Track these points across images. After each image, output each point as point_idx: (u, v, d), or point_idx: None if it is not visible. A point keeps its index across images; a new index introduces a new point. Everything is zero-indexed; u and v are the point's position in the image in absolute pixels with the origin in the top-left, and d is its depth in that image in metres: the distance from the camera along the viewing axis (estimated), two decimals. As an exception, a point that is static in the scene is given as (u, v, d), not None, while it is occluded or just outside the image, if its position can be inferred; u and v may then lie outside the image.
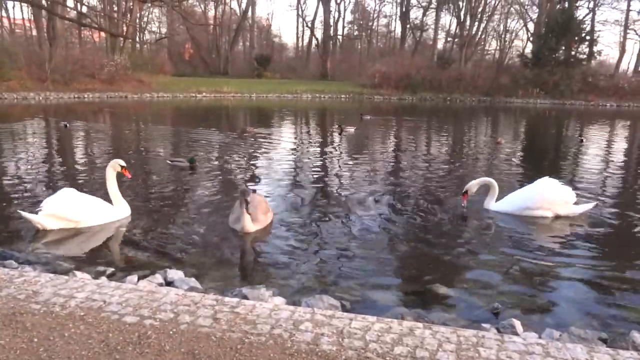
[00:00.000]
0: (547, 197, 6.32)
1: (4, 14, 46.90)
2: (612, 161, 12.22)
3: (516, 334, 3.21)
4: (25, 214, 5.35)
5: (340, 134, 15.94)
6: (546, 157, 13.24)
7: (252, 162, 10.47)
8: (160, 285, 3.88)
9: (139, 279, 3.96)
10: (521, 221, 6.24)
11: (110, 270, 4.26)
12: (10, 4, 45.81)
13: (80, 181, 8.13)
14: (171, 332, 2.86)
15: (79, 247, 5.01)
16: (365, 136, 16.15)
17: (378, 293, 4.04)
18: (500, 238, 5.64)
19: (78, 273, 3.96)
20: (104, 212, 5.68)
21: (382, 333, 2.90)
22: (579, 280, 4.44)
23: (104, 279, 3.94)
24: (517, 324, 3.34)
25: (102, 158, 10.72)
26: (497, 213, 6.46)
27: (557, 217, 6.32)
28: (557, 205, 6.34)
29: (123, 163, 5.75)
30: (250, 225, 5.42)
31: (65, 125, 16.07)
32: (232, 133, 15.60)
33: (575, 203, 6.41)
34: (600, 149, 14.36)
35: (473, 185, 6.58)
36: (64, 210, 5.41)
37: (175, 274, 4.11)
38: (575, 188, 7.20)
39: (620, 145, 16.04)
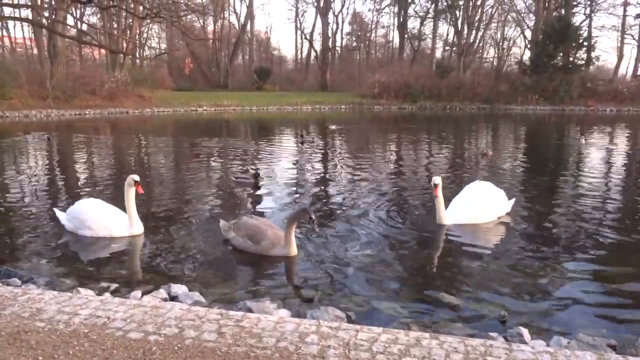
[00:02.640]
0: (496, 201, 6.51)
1: (5, 33, 47.40)
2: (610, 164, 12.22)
3: (524, 342, 3.18)
4: (57, 211, 6.01)
5: (302, 144, 16.03)
6: (537, 170, 11.96)
7: (249, 174, 10.48)
8: (164, 300, 3.86)
9: (142, 294, 3.94)
10: (489, 228, 6.27)
11: (114, 286, 4.24)
12: (11, 24, 46.26)
13: (75, 195, 8.14)
14: (176, 348, 2.84)
15: (82, 264, 5.00)
16: (332, 146, 16.21)
17: (383, 303, 4.02)
18: (494, 246, 5.59)
19: (82, 290, 3.94)
20: (118, 226, 5.73)
21: (389, 344, 2.88)
22: (584, 285, 4.41)
23: (107, 295, 3.92)
24: (525, 332, 3.31)
25: (93, 170, 10.75)
26: (455, 226, 6.18)
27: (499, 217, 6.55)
28: (499, 206, 6.56)
29: (137, 178, 5.68)
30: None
31: (48, 138, 16.64)
32: (234, 144, 15.66)
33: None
34: (601, 153, 14.35)
35: (439, 179, 6.15)
36: (81, 218, 5.74)
37: (179, 288, 4.09)
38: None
39: (621, 148, 16.05)
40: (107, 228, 5.71)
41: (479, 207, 6.33)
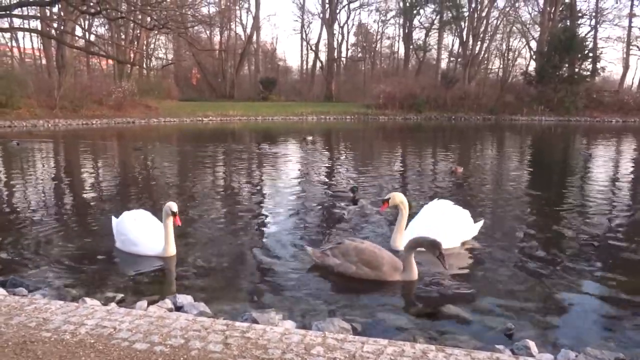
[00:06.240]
0: (458, 224, 5.86)
1: (14, 43, 47.92)
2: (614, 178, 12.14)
3: (531, 355, 3.16)
4: (114, 219, 5.97)
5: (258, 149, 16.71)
6: (536, 181, 11.44)
7: (256, 183, 10.52)
8: (170, 310, 3.86)
9: (148, 304, 3.95)
10: (493, 239, 6.10)
11: (119, 296, 4.25)
12: (20, 34, 46.76)
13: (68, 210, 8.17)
14: (182, 359, 2.84)
15: (88, 273, 5.00)
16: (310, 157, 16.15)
17: (389, 315, 4.00)
18: (500, 258, 5.56)
19: (88, 300, 3.96)
20: (149, 245, 5.51)
21: (395, 357, 2.86)
22: (592, 298, 4.38)
23: (113, 305, 3.93)
24: (532, 344, 3.28)
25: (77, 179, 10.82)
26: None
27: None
28: (463, 230, 5.91)
29: (175, 209, 5.32)
30: None
31: (17, 144, 17.48)
32: (239, 151, 15.78)
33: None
34: (607, 168, 14.28)
35: (396, 196, 5.71)
36: (117, 230, 5.76)
37: (184, 298, 4.09)
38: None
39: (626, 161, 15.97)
40: (135, 245, 5.52)
41: (439, 231, 5.46)
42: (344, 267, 4.89)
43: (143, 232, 5.56)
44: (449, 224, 5.78)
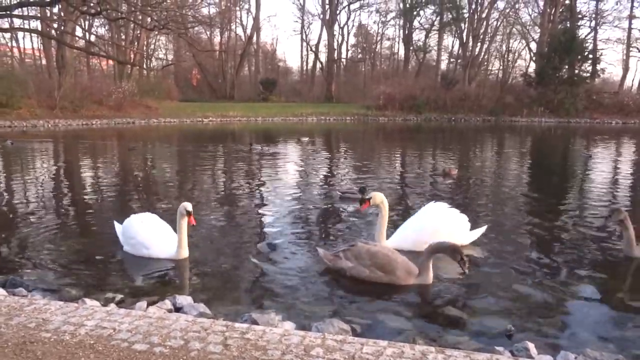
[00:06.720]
0: (442, 227, 5.67)
1: (14, 44, 47.95)
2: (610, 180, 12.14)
3: (531, 357, 3.16)
4: (117, 225, 5.85)
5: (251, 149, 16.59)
6: (537, 185, 11.24)
7: (255, 183, 10.52)
8: (170, 311, 3.87)
9: (148, 305, 3.95)
10: (494, 241, 6.03)
11: (119, 297, 4.25)
12: (20, 34, 46.80)
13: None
14: (181, 360, 2.84)
15: (87, 274, 5.00)
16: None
17: (389, 316, 4.00)
18: (500, 260, 5.56)
19: (87, 300, 3.96)
20: (162, 248, 5.44)
21: (395, 358, 2.87)
22: (592, 300, 4.38)
23: (113, 306, 3.93)
24: (532, 346, 3.29)
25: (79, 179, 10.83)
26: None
27: None
28: (453, 234, 5.66)
29: (190, 208, 5.27)
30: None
31: (12, 143, 17.76)
32: (239, 151, 15.79)
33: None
34: (607, 166, 14.29)
35: (377, 196, 5.71)
36: (126, 235, 5.64)
37: (184, 299, 4.10)
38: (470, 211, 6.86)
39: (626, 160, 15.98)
40: (147, 248, 5.44)
41: (425, 233, 5.46)
42: (357, 271, 4.81)
43: (154, 235, 5.50)
44: (441, 226, 5.71)
